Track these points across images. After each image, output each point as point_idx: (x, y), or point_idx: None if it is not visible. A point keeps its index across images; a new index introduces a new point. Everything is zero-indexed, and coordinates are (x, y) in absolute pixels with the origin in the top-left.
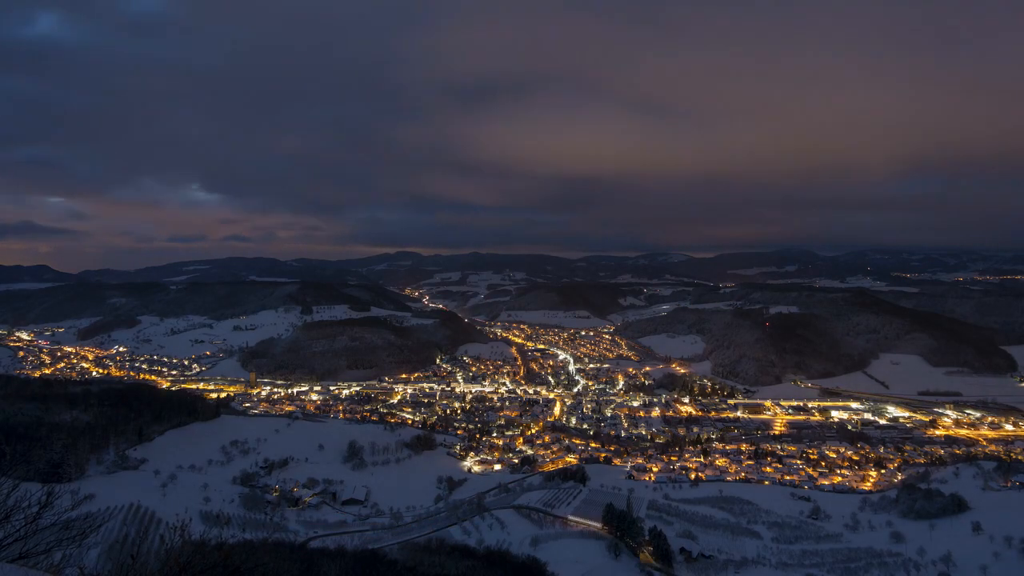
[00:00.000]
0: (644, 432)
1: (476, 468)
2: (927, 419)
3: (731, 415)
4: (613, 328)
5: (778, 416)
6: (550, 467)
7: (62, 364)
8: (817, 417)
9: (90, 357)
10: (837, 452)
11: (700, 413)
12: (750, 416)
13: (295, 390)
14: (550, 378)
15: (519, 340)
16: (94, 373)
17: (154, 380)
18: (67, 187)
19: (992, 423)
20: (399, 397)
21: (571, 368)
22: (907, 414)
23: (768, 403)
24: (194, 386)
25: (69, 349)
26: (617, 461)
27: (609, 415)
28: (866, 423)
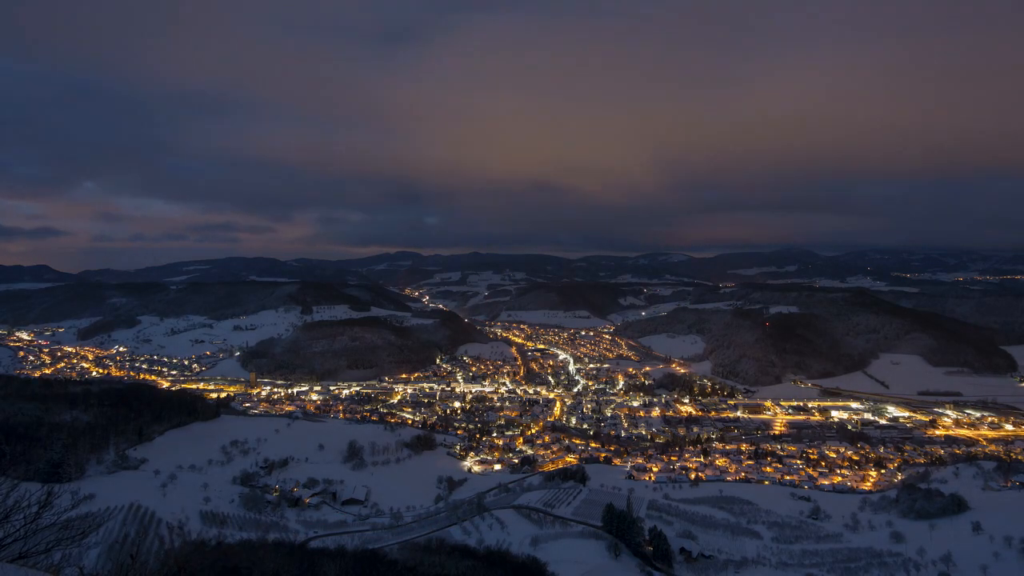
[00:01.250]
0: (644, 432)
1: (476, 468)
2: (927, 419)
3: (731, 415)
4: (613, 328)
5: (778, 416)
6: (550, 467)
7: (62, 364)
8: (817, 417)
9: (90, 357)
10: (837, 452)
11: (700, 413)
12: (750, 416)
13: (295, 390)
14: (550, 378)
15: (519, 340)
16: (94, 373)
17: (154, 380)
18: None
19: (992, 423)
20: (399, 397)
21: (571, 368)
22: (907, 414)
23: (768, 403)
24: (194, 386)
25: (69, 349)
26: (617, 461)
27: (609, 415)
28: (866, 423)
